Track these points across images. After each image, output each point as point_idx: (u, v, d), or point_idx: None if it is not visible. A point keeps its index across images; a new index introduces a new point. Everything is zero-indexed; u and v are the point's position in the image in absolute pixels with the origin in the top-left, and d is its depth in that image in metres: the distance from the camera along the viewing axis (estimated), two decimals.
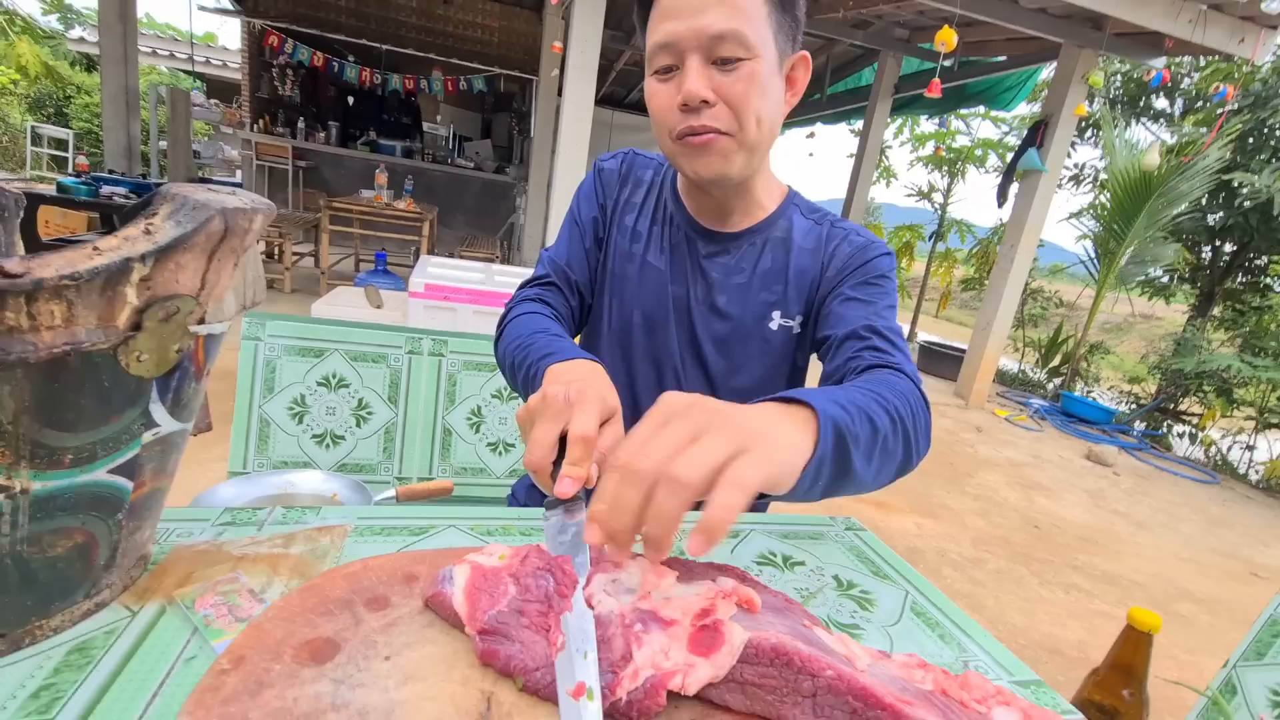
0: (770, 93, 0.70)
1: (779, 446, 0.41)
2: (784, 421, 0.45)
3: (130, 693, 0.38)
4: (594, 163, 0.94)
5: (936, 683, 0.41)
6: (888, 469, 0.58)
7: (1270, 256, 5.44)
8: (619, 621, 0.38)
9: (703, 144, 0.70)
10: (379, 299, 3.03)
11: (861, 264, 0.79)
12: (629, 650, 0.37)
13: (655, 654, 0.37)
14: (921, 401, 0.64)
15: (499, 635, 0.38)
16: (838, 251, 0.81)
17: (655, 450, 0.38)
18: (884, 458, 0.55)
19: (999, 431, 4.60)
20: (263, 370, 1.16)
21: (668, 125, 0.72)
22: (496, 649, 0.38)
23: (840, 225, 0.84)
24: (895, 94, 6.26)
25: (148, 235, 0.38)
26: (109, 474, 0.41)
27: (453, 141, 8.04)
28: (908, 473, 0.62)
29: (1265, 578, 2.88)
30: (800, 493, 0.47)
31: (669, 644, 0.38)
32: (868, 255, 0.80)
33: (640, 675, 0.36)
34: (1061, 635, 2.12)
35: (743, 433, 0.38)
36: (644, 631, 0.38)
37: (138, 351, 0.39)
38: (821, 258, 0.82)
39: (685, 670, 0.37)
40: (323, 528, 0.57)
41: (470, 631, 0.39)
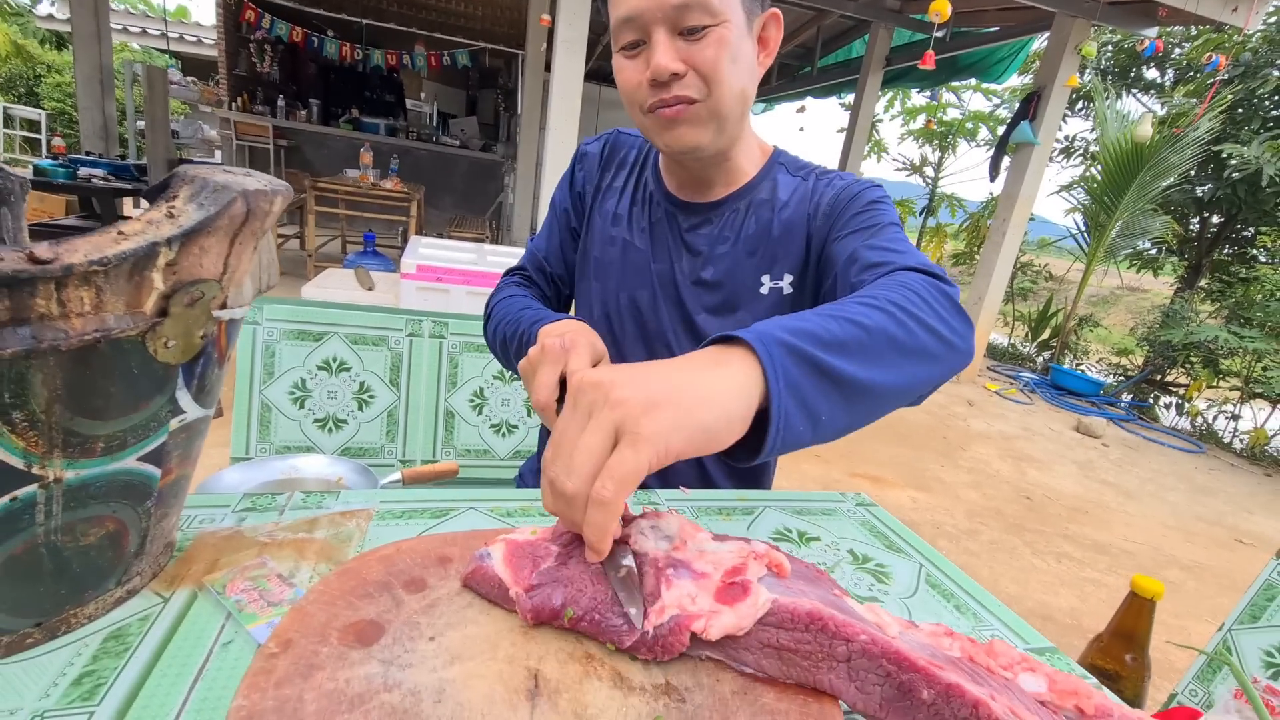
0: (741, 56, 0.68)
1: (693, 397, 0.38)
2: (714, 365, 0.40)
3: (171, 678, 0.38)
4: (577, 149, 0.94)
5: (964, 650, 0.42)
6: (917, 366, 0.50)
7: (1257, 228, 5.49)
8: (653, 563, 0.39)
9: (673, 115, 0.69)
10: (370, 281, 3.00)
11: (848, 200, 0.77)
12: (658, 589, 0.39)
13: (682, 597, 0.39)
14: (932, 281, 0.57)
15: (549, 585, 0.39)
16: (823, 199, 0.79)
17: (555, 452, 0.38)
18: (900, 354, 0.49)
19: (990, 405, 4.66)
20: (262, 355, 1.15)
21: (638, 101, 0.71)
22: (548, 600, 0.39)
23: (825, 175, 0.82)
24: (887, 66, 6.20)
25: (171, 219, 0.37)
26: (138, 461, 0.41)
27: (437, 119, 7.91)
28: (959, 362, 0.55)
29: (1249, 544, 2.96)
30: (794, 431, 0.42)
31: (697, 591, 0.39)
32: (853, 191, 0.78)
33: (666, 613, 0.38)
34: (1054, 603, 2.17)
35: (624, 403, 0.36)
36: (675, 576, 0.39)
37: (165, 338, 0.38)
38: (808, 210, 0.80)
39: (709, 615, 0.38)
40: (346, 512, 0.57)
41: (517, 591, 0.39)
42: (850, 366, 0.44)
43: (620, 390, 0.37)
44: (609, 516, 0.36)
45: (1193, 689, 0.86)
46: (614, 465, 0.35)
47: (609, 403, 0.37)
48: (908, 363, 0.49)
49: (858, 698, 0.38)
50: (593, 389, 0.38)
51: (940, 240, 8.17)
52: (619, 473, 0.35)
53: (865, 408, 0.47)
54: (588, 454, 0.36)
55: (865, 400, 0.46)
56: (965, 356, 0.56)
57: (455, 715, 0.31)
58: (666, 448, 0.36)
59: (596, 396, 0.37)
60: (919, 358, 0.50)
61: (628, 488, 0.35)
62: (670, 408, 0.37)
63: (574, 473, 0.36)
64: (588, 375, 0.39)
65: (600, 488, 0.35)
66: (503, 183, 7.21)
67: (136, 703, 0.36)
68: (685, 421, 0.37)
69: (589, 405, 0.37)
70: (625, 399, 0.36)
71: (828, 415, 0.44)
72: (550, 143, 3.76)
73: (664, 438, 0.36)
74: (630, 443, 0.35)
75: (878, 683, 0.37)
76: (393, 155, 6.16)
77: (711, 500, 0.72)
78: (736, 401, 0.39)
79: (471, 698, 0.33)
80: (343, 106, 7.42)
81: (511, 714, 0.32)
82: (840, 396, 0.44)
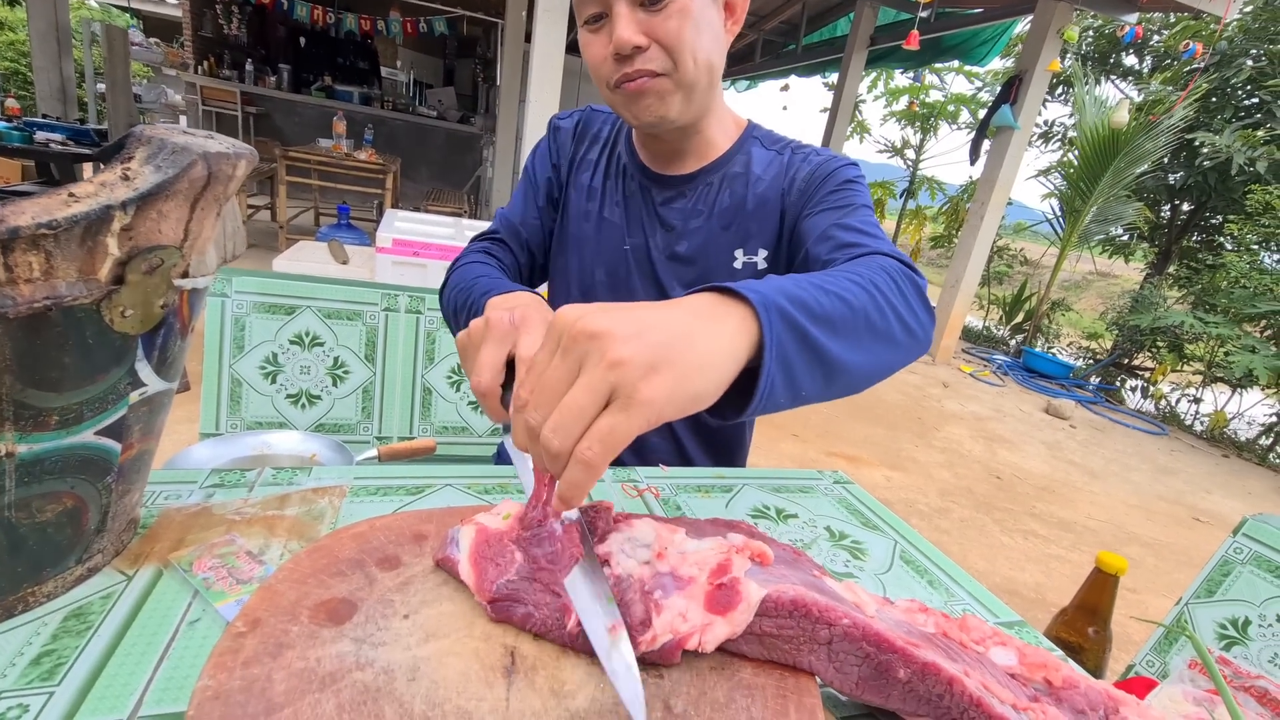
0: (705, 26, 0.67)
1: (690, 362, 0.35)
2: (711, 321, 0.39)
3: (136, 657, 0.37)
4: (549, 121, 0.91)
5: (938, 626, 0.42)
6: (885, 351, 0.51)
7: (1225, 216, 5.61)
8: (638, 587, 0.38)
9: (637, 89, 0.67)
10: (344, 254, 2.93)
11: (824, 178, 0.76)
12: (649, 616, 0.37)
13: (674, 619, 0.37)
14: (905, 270, 0.57)
15: (509, 601, 0.38)
16: (798, 174, 0.78)
17: (538, 399, 0.35)
18: (873, 338, 0.49)
19: (964, 387, 4.75)
20: (231, 328, 1.12)
21: (604, 76, 0.69)
22: (510, 613, 0.38)
23: (801, 149, 0.81)
24: (871, 45, 6.16)
25: (126, 181, 0.35)
26: (96, 435, 0.39)
27: (413, 89, 7.69)
28: (917, 353, 0.55)
29: (1206, 522, 3.07)
30: (775, 400, 0.41)
31: (687, 605, 0.38)
32: (829, 168, 0.77)
33: (658, 640, 0.37)
34: (1019, 578, 2.24)
35: (623, 364, 0.33)
36: (663, 596, 0.38)
37: (121, 306, 0.37)
38: (782, 184, 0.79)
39: (703, 629, 0.37)
40: (318, 489, 0.55)
41: (481, 601, 0.39)
42: (835, 346, 0.44)
43: (620, 348, 0.34)
44: (591, 477, 0.34)
45: (1149, 660, 0.89)
46: (605, 431, 0.33)
47: (606, 361, 0.33)
48: (880, 347, 0.49)
49: (835, 677, 0.38)
50: (587, 339, 0.34)
51: (919, 223, 8.22)
52: (610, 439, 0.33)
53: (839, 386, 0.47)
54: (579, 414, 0.34)
55: (840, 379, 0.46)
56: (925, 348, 0.57)
57: (430, 693, 0.31)
58: (659, 416, 0.34)
59: (592, 349, 0.34)
60: (888, 344, 0.50)
61: (615, 452, 0.34)
62: (668, 373, 0.34)
63: (561, 431, 0.34)
64: (582, 320, 0.35)
65: (587, 449, 0.33)
66: (481, 156, 7.07)
67: (99, 682, 0.35)
68: (680, 390, 0.35)
69: (580, 356, 0.34)
70: (625, 360, 0.33)
71: (807, 389, 0.43)
72: (530, 116, 3.68)
73: (658, 406, 0.34)
74: (623, 407, 0.33)
75: (856, 664, 0.37)
76: (367, 125, 5.99)
77: (690, 478, 0.72)
78: (729, 366, 0.38)
79: (447, 675, 0.32)
80: (314, 73, 7.18)
81: (488, 691, 0.32)
82: (821, 373, 0.44)
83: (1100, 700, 0.40)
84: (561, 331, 0.36)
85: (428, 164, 7.39)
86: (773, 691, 0.35)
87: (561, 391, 0.35)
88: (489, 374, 0.48)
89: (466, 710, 0.30)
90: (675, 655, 0.36)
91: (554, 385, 0.35)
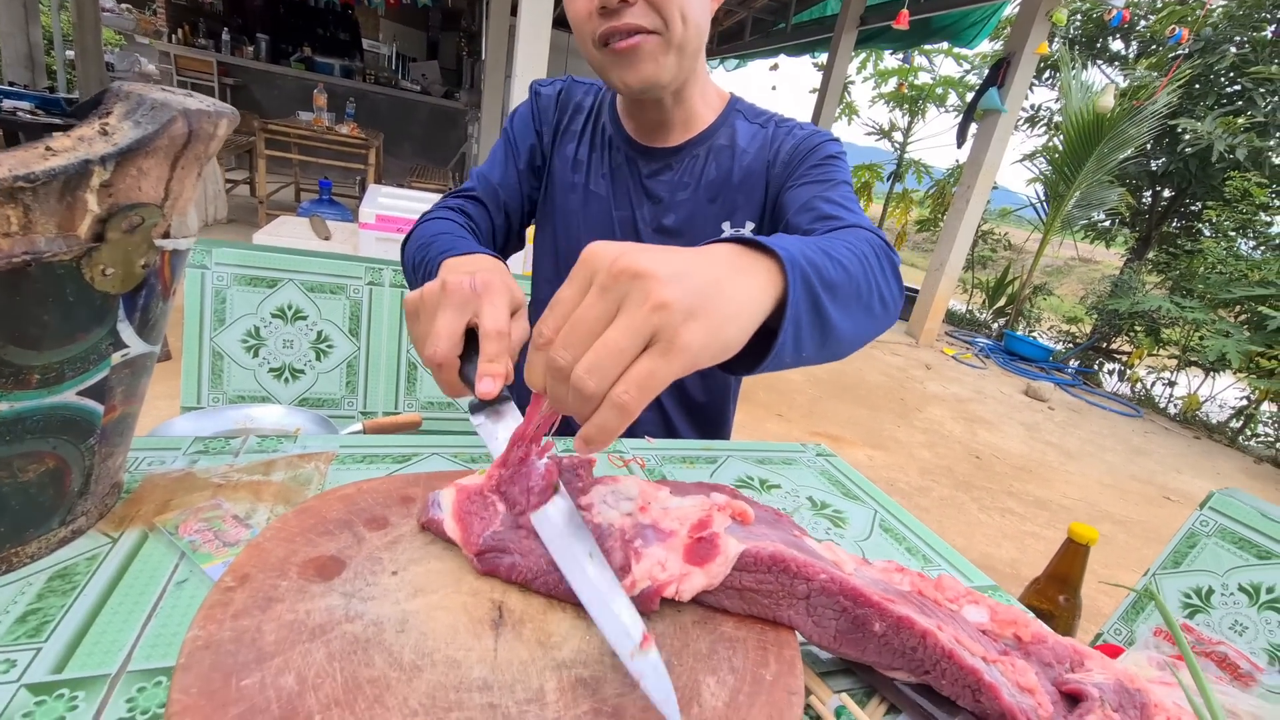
0: None
1: (724, 312, 0.35)
2: (741, 273, 0.38)
3: (124, 615, 0.37)
4: (530, 86, 0.90)
5: (913, 584, 0.44)
6: (866, 321, 0.51)
7: (1204, 202, 5.70)
8: (619, 535, 0.39)
9: (629, 48, 0.66)
10: (326, 230, 2.88)
11: (807, 151, 0.77)
12: (628, 563, 0.38)
13: (653, 567, 0.38)
14: (885, 246, 0.58)
15: (496, 551, 0.38)
16: (782, 147, 0.79)
17: (570, 338, 0.34)
18: (860, 307, 0.49)
19: (946, 369, 4.81)
20: (212, 300, 1.10)
21: (589, 31, 0.68)
22: (497, 564, 0.38)
23: (785, 123, 0.82)
24: (861, 25, 6.12)
25: (105, 136, 0.35)
26: (78, 396, 0.39)
27: (396, 62, 7.52)
28: (888, 325, 0.56)
29: (1176, 501, 3.16)
30: (782, 358, 0.41)
31: (666, 555, 0.39)
32: (812, 143, 0.78)
33: (637, 586, 0.38)
34: (996, 554, 2.29)
35: (667, 308, 0.32)
36: (644, 545, 0.39)
37: (102, 265, 0.36)
38: (767, 156, 0.80)
39: (680, 579, 0.38)
40: (305, 455, 0.55)
41: (468, 555, 0.39)
42: (835, 312, 0.44)
43: (664, 290, 0.32)
44: (624, 422, 0.33)
45: (1117, 628, 0.92)
46: (644, 375, 0.32)
47: (650, 303, 0.32)
48: (863, 317, 0.50)
49: (814, 631, 0.39)
50: (630, 278, 0.33)
51: (906, 206, 8.25)
52: (649, 384, 0.32)
53: (828, 351, 0.47)
54: (618, 355, 0.32)
55: (832, 344, 0.46)
56: (893, 320, 0.57)
57: (419, 644, 0.32)
58: (695, 362, 0.34)
59: (634, 290, 0.33)
60: (869, 315, 0.51)
61: (651, 397, 0.33)
62: (706, 320, 0.34)
63: (598, 371, 0.32)
64: (624, 258, 0.33)
65: (624, 393, 0.32)
66: (466, 132, 6.95)
67: (87, 639, 0.35)
68: (715, 338, 0.34)
69: (621, 295, 0.33)
70: (669, 302, 0.32)
71: (807, 351, 0.43)
72: (516, 91, 3.62)
73: (695, 353, 0.33)
74: (664, 352, 0.32)
75: (834, 617, 0.39)
76: (349, 99, 5.86)
77: (676, 449, 0.73)
78: (756, 318, 0.38)
79: (435, 628, 0.33)
80: (293, 44, 6.99)
81: (476, 643, 0.32)
82: (821, 337, 0.44)
83: (1066, 654, 0.41)
84: (596, 268, 0.34)
85: (411, 140, 7.26)
86: (753, 644, 0.36)
87: (597, 331, 0.33)
88: (444, 344, 0.45)
89: (455, 660, 0.31)
90: (653, 603, 0.37)
91: (590, 324, 0.33)
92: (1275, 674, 0.74)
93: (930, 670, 0.37)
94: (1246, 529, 0.84)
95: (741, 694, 0.33)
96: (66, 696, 0.32)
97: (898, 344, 5.21)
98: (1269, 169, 4.93)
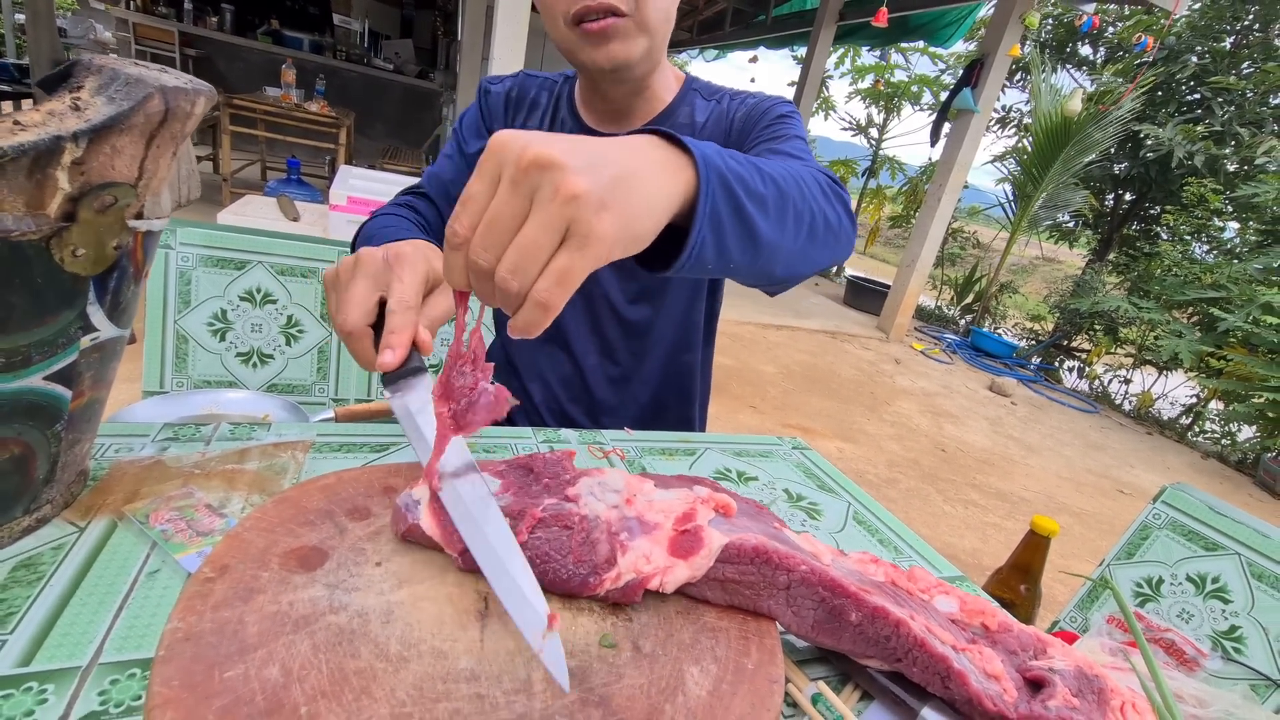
0: None
1: (636, 203, 0.35)
2: (655, 166, 0.38)
3: (93, 606, 0.36)
4: (480, 84, 0.89)
5: (887, 575, 0.45)
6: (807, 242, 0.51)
7: (1163, 207, 5.89)
8: (605, 528, 0.39)
9: (601, 29, 0.66)
10: (294, 211, 2.81)
11: (760, 114, 0.79)
12: (614, 555, 0.39)
13: (638, 559, 0.39)
14: (827, 178, 0.57)
15: None
16: (736, 116, 0.81)
17: (487, 238, 0.33)
18: (796, 225, 0.49)
19: (915, 364, 4.91)
20: (176, 282, 1.07)
21: (560, 10, 0.67)
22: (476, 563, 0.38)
23: (738, 95, 0.83)
24: (840, 20, 6.16)
25: (77, 112, 0.33)
26: (45, 381, 0.37)
27: (368, 39, 7.32)
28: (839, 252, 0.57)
29: (1129, 494, 3.29)
30: (704, 259, 0.41)
31: (651, 548, 0.40)
32: (764, 107, 0.79)
33: (622, 578, 0.38)
34: (958, 544, 2.36)
35: (578, 200, 0.32)
36: (629, 538, 0.39)
37: (73, 245, 0.35)
38: (725, 127, 0.81)
39: (664, 571, 0.39)
40: (280, 443, 0.54)
41: (452, 554, 0.39)
42: (764, 223, 0.44)
43: (575, 181, 0.32)
44: (547, 318, 0.33)
45: (1073, 616, 0.96)
46: (562, 271, 0.32)
47: (561, 195, 0.31)
48: (803, 237, 0.50)
49: (793, 620, 0.40)
50: (539, 170, 0.32)
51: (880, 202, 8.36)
52: (567, 279, 0.32)
53: (766, 263, 0.47)
54: (536, 253, 0.32)
55: (767, 255, 0.47)
56: (847, 249, 0.58)
57: (405, 635, 0.31)
58: (609, 255, 0.34)
59: (544, 181, 0.32)
60: (810, 236, 0.51)
61: (570, 292, 0.33)
62: (617, 211, 0.33)
63: (520, 272, 0.32)
64: (531, 148, 0.32)
65: (545, 291, 0.32)
66: (440, 114, 6.82)
67: (55, 630, 0.34)
68: (627, 231, 0.34)
69: (532, 188, 0.32)
70: (580, 194, 0.32)
71: (736, 259, 0.44)
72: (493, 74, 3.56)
73: (609, 246, 0.33)
74: (580, 245, 0.32)
75: (812, 608, 0.40)
76: (318, 75, 5.67)
77: (655, 441, 0.74)
78: (666, 215, 0.38)
79: (421, 619, 0.33)
80: (260, 16, 6.74)
81: (462, 633, 0.32)
82: (750, 246, 0.44)
83: (1030, 642, 0.43)
84: (504, 160, 0.33)
85: (384, 120, 7.09)
86: (735, 633, 0.37)
87: (513, 228, 0.33)
88: (355, 312, 0.46)
89: (442, 650, 0.31)
90: (637, 594, 0.37)
91: (504, 221, 0.33)
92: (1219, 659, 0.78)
93: (902, 658, 0.38)
94: (1196, 522, 0.88)
95: (724, 682, 0.33)
96: (35, 689, 0.31)
97: (869, 339, 5.30)
98: (1224, 176, 5.12)
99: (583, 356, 0.90)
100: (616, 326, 0.88)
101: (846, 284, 6.57)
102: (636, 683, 0.32)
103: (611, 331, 0.88)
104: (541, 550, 0.38)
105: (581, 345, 0.90)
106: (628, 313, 0.87)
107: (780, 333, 4.88)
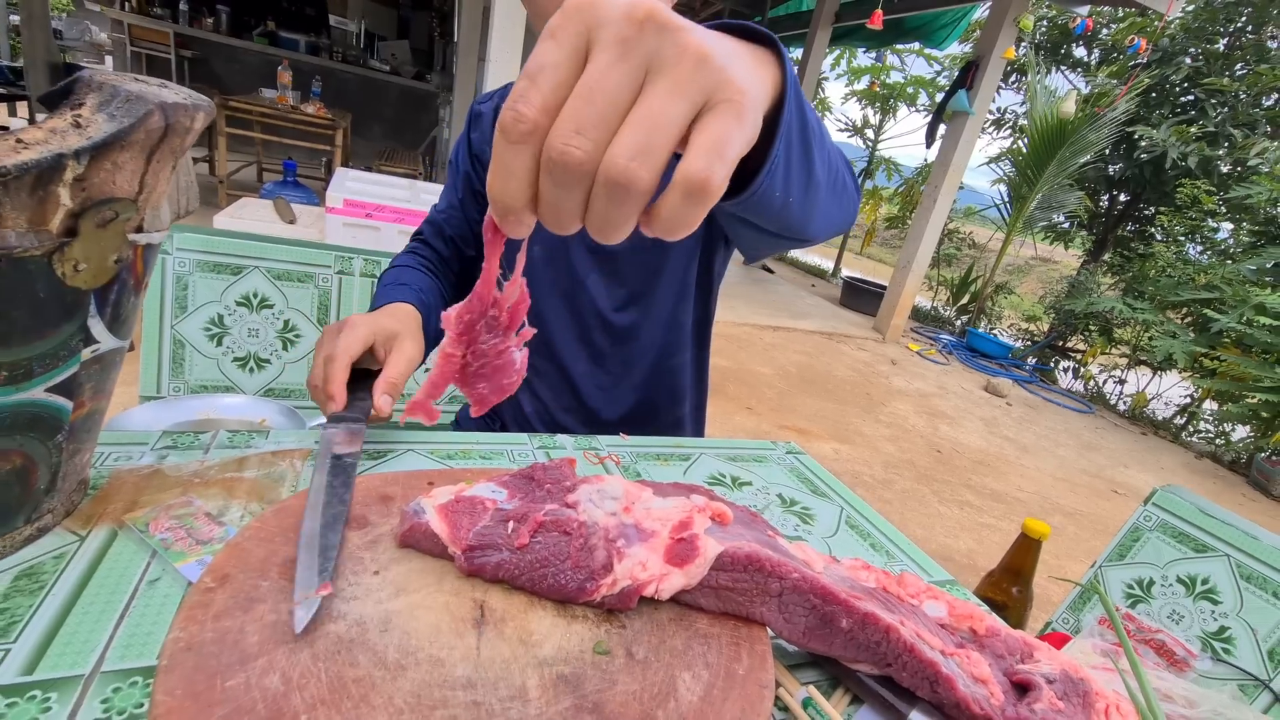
0: None
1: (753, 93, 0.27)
2: (748, 52, 0.32)
3: (95, 615, 0.37)
4: (469, 109, 0.91)
5: (879, 581, 0.46)
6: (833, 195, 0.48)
7: (1157, 208, 5.92)
8: (603, 535, 0.40)
9: None
10: (291, 214, 2.81)
11: None
12: (610, 562, 0.39)
13: (634, 566, 0.39)
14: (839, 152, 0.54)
15: (484, 549, 0.39)
16: None
17: (587, 121, 0.24)
18: (828, 171, 0.44)
19: (911, 365, 4.93)
20: (173, 287, 1.07)
21: (551, 11, 0.68)
22: (484, 563, 0.39)
23: None
24: (836, 22, 6.18)
25: (78, 129, 0.34)
26: (47, 393, 0.38)
27: (365, 40, 7.31)
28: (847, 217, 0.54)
29: (1123, 494, 3.31)
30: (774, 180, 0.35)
31: (647, 556, 0.40)
32: None
33: (618, 585, 0.39)
34: (954, 545, 2.37)
35: (710, 60, 0.24)
36: (626, 545, 0.40)
37: (74, 260, 0.35)
38: None
39: (660, 579, 0.39)
40: (279, 451, 0.55)
41: (455, 551, 0.39)
42: (817, 154, 0.40)
43: (703, 42, 0.24)
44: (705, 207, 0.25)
45: (1065, 617, 0.97)
46: (718, 140, 0.24)
47: (690, 55, 0.24)
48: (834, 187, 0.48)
49: (785, 627, 0.41)
50: (658, 30, 0.24)
51: (876, 203, 8.39)
52: (726, 150, 0.25)
53: (808, 206, 0.43)
54: (670, 130, 0.24)
55: (811, 195, 0.42)
56: (854, 213, 0.58)
57: (403, 643, 0.32)
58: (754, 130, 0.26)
59: (665, 43, 0.24)
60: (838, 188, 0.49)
61: (730, 169, 0.25)
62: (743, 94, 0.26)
63: (650, 153, 0.24)
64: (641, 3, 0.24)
65: (702, 169, 0.24)
66: (437, 116, 6.81)
67: (58, 639, 0.35)
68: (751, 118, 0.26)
69: (647, 55, 0.24)
70: (710, 54, 0.24)
71: (795, 189, 0.39)
72: (490, 76, 3.56)
73: (758, 115, 0.26)
74: (734, 111, 0.25)
75: (804, 614, 0.40)
76: (314, 76, 5.67)
77: (650, 446, 0.74)
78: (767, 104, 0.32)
79: (419, 627, 0.33)
80: (256, 17, 6.73)
81: (459, 641, 0.33)
82: (805, 176, 0.39)
83: (1018, 646, 0.44)
84: (601, 18, 0.24)
85: (380, 121, 7.08)
86: (727, 639, 0.38)
87: (625, 102, 0.24)
88: (315, 373, 0.60)
89: (439, 658, 0.32)
90: (632, 601, 0.38)
91: (612, 93, 0.24)
92: (1208, 660, 0.79)
93: (892, 663, 0.39)
94: (1186, 524, 0.89)
95: (716, 688, 0.34)
96: (39, 698, 0.32)
97: (865, 339, 5.31)
98: (1217, 177, 5.16)
99: (571, 365, 0.91)
100: (604, 334, 0.89)
101: (842, 285, 6.59)
102: (629, 689, 0.33)
103: (599, 339, 0.89)
104: (540, 555, 0.39)
105: (570, 354, 0.90)
106: (615, 319, 0.87)
107: (776, 334, 4.89)
